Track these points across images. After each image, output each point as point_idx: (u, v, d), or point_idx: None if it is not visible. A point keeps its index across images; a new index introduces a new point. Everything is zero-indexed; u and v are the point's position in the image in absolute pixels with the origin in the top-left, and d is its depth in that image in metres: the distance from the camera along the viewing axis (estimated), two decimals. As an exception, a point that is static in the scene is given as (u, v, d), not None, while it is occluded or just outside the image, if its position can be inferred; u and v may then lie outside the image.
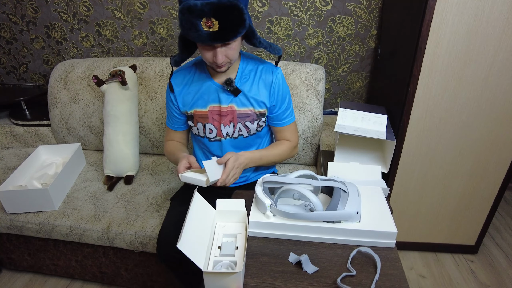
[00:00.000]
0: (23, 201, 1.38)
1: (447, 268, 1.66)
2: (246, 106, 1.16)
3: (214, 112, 1.16)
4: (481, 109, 1.33)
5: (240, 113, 1.16)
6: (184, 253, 0.70)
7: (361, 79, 1.90)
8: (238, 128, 1.18)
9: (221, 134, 1.19)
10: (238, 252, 0.83)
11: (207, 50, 1.01)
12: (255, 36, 1.04)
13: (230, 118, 1.16)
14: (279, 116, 1.22)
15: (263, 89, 1.16)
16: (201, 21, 0.90)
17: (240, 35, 0.96)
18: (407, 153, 1.46)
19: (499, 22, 1.18)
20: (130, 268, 1.48)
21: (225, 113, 1.16)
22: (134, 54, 1.96)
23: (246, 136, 1.21)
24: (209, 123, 1.18)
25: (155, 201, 1.46)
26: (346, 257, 0.85)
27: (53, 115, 1.80)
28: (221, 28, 0.91)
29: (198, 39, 0.94)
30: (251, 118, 1.17)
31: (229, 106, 1.15)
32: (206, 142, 1.23)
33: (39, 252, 1.53)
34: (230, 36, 0.94)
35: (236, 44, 1.01)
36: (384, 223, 0.88)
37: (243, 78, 1.15)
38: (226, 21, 0.90)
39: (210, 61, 1.02)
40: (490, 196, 1.53)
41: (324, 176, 1.02)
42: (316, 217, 0.87)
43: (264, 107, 1.17)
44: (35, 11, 1.89)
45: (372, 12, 1.70)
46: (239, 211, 0.91)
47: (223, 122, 1.17)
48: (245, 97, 1.15)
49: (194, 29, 0.92)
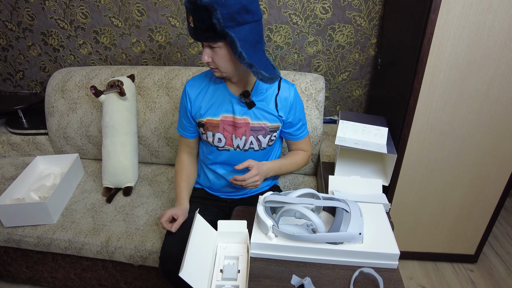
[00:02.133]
0: (21, 214, 1.36)
1: (446, 277, 1.67)
2: (260, 120, 1.18)
3: (226, 122, 1.18)
4: (482, 122, 1.33)
5: (254, 126, 1.17)
6: (187, 282, 0.69)
7: (360, 87, 1.89)
8: (250, 141, 1.19)
9: (231, 144, 1.20)
10: (240, 276, 0.83)
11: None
12: (234, 48, 0.96)
13: (243, 130, 1.18)
14: (295, 132, 1.26)
15: (278, 105, 1.17)
16: (188, 17, 0.97)
17: (212, 40, 0.98)
18: (408, 165, 1.45)
19: (500, 36, 1.17)
20: (129, 281, 1.47)
21: (239, 124, 1.17)
22: (132, 61, 1.94)
23: (256, 150, 1.22)
24: (219, 132, 1.19)
25: (154, 213, 1.45)
26: (349, 278, 0.85)
27: (51, 124, 1.78)
28: (195, 26, 0.96)
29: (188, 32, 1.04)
30: (264, 132, 1.19)
31: (243, 118, 1.17)
32: (214, 150, 1.24)
33: (37, 264, 1.52)
34: (202, 37, 0.98)
35: (223, 52, 1.01)
36: (386, 244, 0.88)
37: (259, 92, 1.16)
38: (197, 21, 0.94)
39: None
40: (490, 207, 1.53)
41: (326, 194, 1.01)
42: (318, 238, 0.87)
43: (278, 122, 1.19)
44: (32, 18, 1.86)
45: (372, 21, 1.69)
46: (241, 232, 0.91)
47: (235, 133, 1.18)
48: (260, 111, 1.17)
49: (187, 22, 1.00)
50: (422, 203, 1.56)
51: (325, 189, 1.32)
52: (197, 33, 0.98)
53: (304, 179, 1.64)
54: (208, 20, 0.92)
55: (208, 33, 0.96)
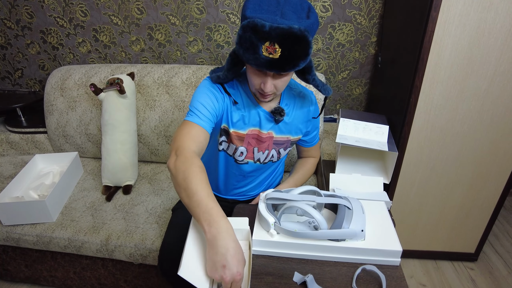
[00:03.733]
0: (20, 213, 1.36)
1: (447, 276, 1.67)
2: (284, 133, 1.12)
3: (251, 135, 1.10)
4: (482, 120, 1.33)
5: (277, 140, 1.12)
6: (186, 279, 0.69)
7: (360, 85, 1.89)
8: (272, 154, 1.15)
9: (252, 157, 1.14)
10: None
11: (257, 75, 0.93)
12: (311, 72, 0.96)
13: (267, 145, 1.12)
14: (310, 139, 1.24)
15: (301, 117, 1.14)
16: (263, 44, 0.82)
17: (298, 68, 0.88)
18: (408, 163, 1.45)
19: (501, 34, 1.17)
20: (129, 280, 1.46)
21: (264, 139, 1.10)
22: (132, 60, 1.94)
23: (274, 161, 1.18)
24: (243, 146, 1.11)
25: (154, 211, 1.44)
26: (351, 275, 0.85)
27: (50, 122, 1.77)
28: (282, 57, 0.83)
29: (254, 62, 0.85)
30: (285, 145, 1.15)
31: (268, 132, 1.10)
32: (231, 161, 1.17)
33: (36, 263, 1.51)
34: (288, 67, 0.86)
35: (289, 77, 0.95)
36: (388, 241, 0.88)
37: (285, 105, 1.10)
38: (290, 51, 0.82)
39: (257, 87, 0.95)
40: (490, 205, 1.53)
41: (328, 192, 1.01)
42: (321, 235, 0.86)
43: (300, 134, 1.17)
44: (31, 16, 1.85)
45: (372, 19, 1.69)
46: (242, 229, 0.90)
47: (258, 147, 1.12)
48: (285, 125, 1.11)
49: (252, 51, 0.83)
50: (423, 201, 1.56)
51: (325, 187, 1.32)
52: (281, 64, 0.84)
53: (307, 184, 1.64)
54: (303, 50, 0.83)
55: (293, 63, 0.85)
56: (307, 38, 0.81)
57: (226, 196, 1.32)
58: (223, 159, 1.17)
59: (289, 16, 0.82)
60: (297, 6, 0.84)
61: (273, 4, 0.84)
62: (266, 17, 0.81)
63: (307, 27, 0.81)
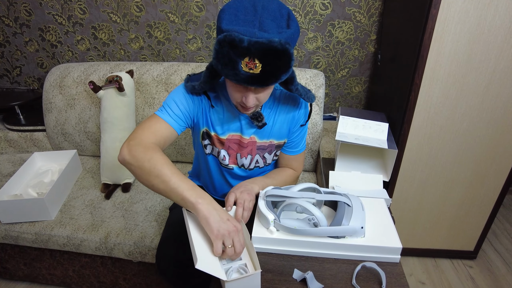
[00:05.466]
0: (18, 211, 1.35)
1: (446, 274, 1.67)
2: (267, 138, 1.08)
3: (232, 140, 1.06)
4: (482, 117, 1.33)
5: (260, 145, 1.08)
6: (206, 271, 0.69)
7: (360, 83, 1.89)
8: (256, 159, 1.10)
9: (235, 162, 1.11)
10: (244, 254, 0.83)
11: (237, 90, 0.88)
12: (293, 82, 0.92)
13: (249, 150, 1.08)
14: (293, 143, 1.14)
15: (286, 122, 1.08)
16: (242, 60, 0.77)
17: (280, 81, 0.84)
18: (408, 160, 1.45)
19: (501, 31, 1.17)
20: (128, 278, 1.46)
21: (245, 144, 1.06)
22: (131, 58, 1.93)
23: (261, 167, 1.13)
24: (224, 149, 1.08)
25: (153, 209, 1.44)
26: (351, 272, 0.84)
27: (48, 120, 1.77)
28: (263, 72, 0.79)
29: (233, 78, 0.81)
30: (269, 149, 1.10)
31: (250, 137, 1.06)
32: (218, 164, 1.13)
33: (35, 261, 1.51)
34: (270, 82, 0.82)
35: (271, 88, 0.92)
36: (388, 238, 0.88)
37: (267, 108, 1.05)
38: (271, 66, 0.78)
39: (238, 100, 0.91)
40: (489, 203, 1.54)
41: (327, 189, 1.00)
42: (320, 232, 0.86)
43: (285, 138, 1.11)
44: (29, 13, 1.85)
45: (371, 17, 1.69)
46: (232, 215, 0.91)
47: (240, 152, 1.08)
48: (268, 129, 1.06)
49: (231, 67, 0.79)
50: (422, 199, 1.56)
51: (325, 184, 1.32)
52: (262, 78, 0.80)
53: (304, 175, 1.64)
54: (285, 64, 0.79)
55: (275, 77, 0.81)
56: (289, 51, 0.77)
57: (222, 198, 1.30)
58: (213, 162, 1.13)
59: (268, 26, 0.77)
60: (276, 13, 0.80)
61: (250, 12, 0.79)
62: (243, 30, 0.76)
63: (287, 39, 0.77)
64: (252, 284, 0.76)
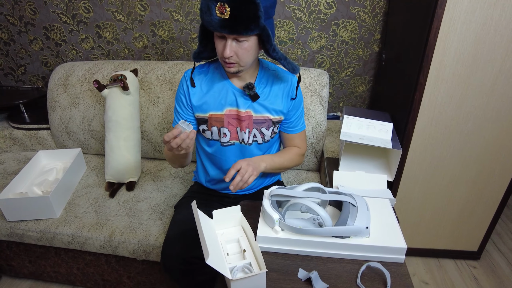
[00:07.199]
0: (23, 209, 1.36)
1: (449, 274, 1.67)
2: (263, 113, 1.15)
3: (230, 116, 1.15)
4: (487, 118, 1.33)
5: (257, 119, 1.16)
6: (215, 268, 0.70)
7: (364, 83, 1.89)
8: (253, 134, 1.18)
9: (236, 138, 1.19)
10: (249, 254, 0.83)
11: (219, 41, 0.98)
12: (269, 41, 0.97)
13: (247, 124, 1.15)
14: (292, 123, 1.23)
15: (280, 97, 1.16)
16: (216, 5, 0.89)
17: (251, 32, 0.93)
18: (412, 160, 1.45)
19: (507, 31, 1.16)
20: (132, 276, 1.46)
21: (243, 118, 1.14)
22: (135, 56, 1.93)
23: (260, 143, 1.20)
24: (224, 127, 1.16)
25: (157, 208, 1.44)
26: (356, 272, 0.85)
27: (53, 119, 1.77)
28: (232, 17, 0.89)
29: (209, 24, 0.93)
30: (266, 124, 1.17)
31: (246, 111, 1.14)
32: (218, 146, 1.21)
33: (39, 259, 1.52)
34: (240, 29, 0.92)
35: (249, 45, 0.98)
36: (393, 238, 0.88)
37: (261, 84, 1.15)
38: (238, 11, 0.88)
39: (220, 54, 1.00)
40: (493, 203, 1.53)
41: (332, 189, 1.00)
42: (325, 232, 0.86)
43: (281, 114, 1.18)
44: (34, 12, 1.85)
45: (376, 16, 1.69)
46: (235, 216, 0.92)
47: (240, 126, 1.16)
48: (262, 103, 1.15)
49: (209, 13, 0.91)
50: (426, 199, 1.55)
51: (329, 184, 1.32)
52: (233, 24, 0.91)
53: (308, 175, 1.64)
54: (252, 12, 0.88)
55: (243, 25, 0.91)
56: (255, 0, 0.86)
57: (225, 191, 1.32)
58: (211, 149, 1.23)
59: None
60: None
61: None
62: None
63: None
64: (257, 283, 0.76)
